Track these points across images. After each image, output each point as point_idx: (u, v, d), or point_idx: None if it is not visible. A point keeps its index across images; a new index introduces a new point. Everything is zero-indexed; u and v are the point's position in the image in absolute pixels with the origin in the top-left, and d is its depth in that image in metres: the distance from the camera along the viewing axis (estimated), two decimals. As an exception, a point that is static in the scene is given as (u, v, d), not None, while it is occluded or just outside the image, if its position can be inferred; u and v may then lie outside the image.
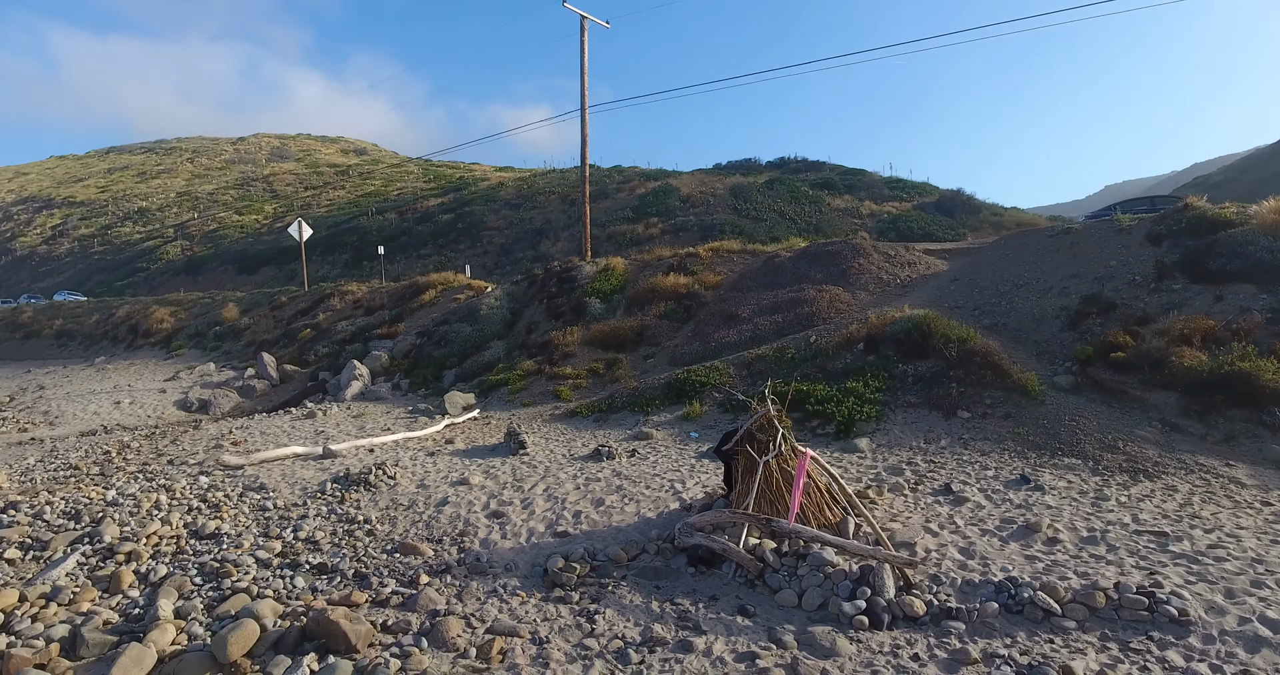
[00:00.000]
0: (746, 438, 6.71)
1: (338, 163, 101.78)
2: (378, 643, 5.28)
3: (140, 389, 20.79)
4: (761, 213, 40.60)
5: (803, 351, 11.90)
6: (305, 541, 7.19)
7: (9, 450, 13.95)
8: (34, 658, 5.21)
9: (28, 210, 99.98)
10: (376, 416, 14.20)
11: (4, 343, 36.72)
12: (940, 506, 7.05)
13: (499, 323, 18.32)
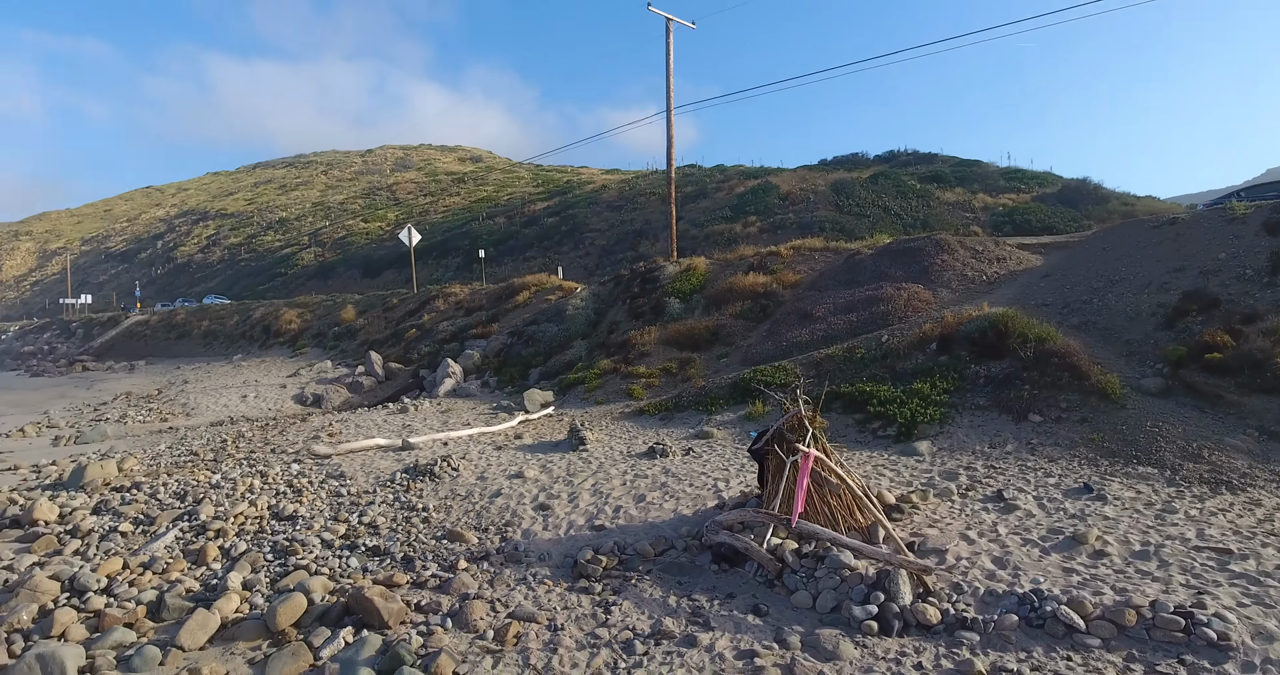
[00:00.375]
0: (777, 437, 6.68)
1: (455, 170, 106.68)
2: (409, 621, 5.68)
3: (265, 384, 22.74)
4: (864, 209, 39.42)
5: (873, 351, 11.58)
6: (367, 525, 7.76)
7: (148, 437, 15.67)
8: (123, 618, 5.95)
9: (187, 222, 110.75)
10: (461, 412, 14.96)
11: (162, 342, 41.00)
12: (987, 514, 6.75)
13: (583, 323, 18.82)
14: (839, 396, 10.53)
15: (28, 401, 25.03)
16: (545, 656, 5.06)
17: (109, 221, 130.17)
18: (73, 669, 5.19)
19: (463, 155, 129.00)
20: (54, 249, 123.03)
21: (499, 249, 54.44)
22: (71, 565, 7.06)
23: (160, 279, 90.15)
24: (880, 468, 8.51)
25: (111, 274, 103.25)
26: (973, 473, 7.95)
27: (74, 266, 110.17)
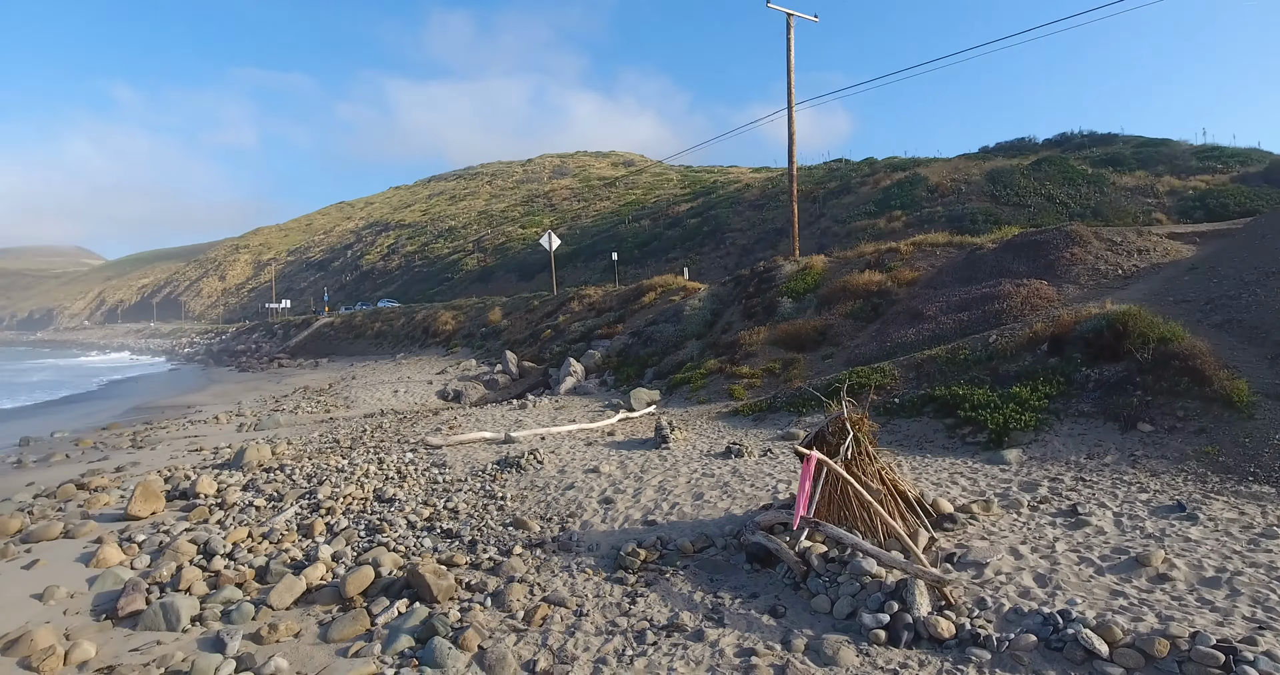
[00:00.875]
0: (818, 440, 6.59)
1: (607, 175, 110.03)
2: (456, 597, 6.23)
3: (415, 380, 24.88)
4: (1024, 198, 36.48)
5: (977, 352, 10.89)
6: (449, 510, 8.48)
7: (311, 426, 17.68)
8: (235, 578, 6.97)
9: (371, 233, 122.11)
10: (573, 409, 15.67)
11: (342, 341, 45.71)
12: (1051, 529, 6.27)
13: (699, 323, 19.02)
14: (931, 400, 10.04)
15: (229, 393, 28.94)
16: (563, 638, 5.39)
17: (309, 234, 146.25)
18: (186, 618, 6.18)
19: (615, 160, 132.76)
20: (266, 259, 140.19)
21: (642, 251, 55.70)
22: (209, 532, 8.32)
23: (349, 285, 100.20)
24: (956, 475, 8.08)
25: (310, 281, 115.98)
26: (1057, 484, 7.37)
27: (280, 275, 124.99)
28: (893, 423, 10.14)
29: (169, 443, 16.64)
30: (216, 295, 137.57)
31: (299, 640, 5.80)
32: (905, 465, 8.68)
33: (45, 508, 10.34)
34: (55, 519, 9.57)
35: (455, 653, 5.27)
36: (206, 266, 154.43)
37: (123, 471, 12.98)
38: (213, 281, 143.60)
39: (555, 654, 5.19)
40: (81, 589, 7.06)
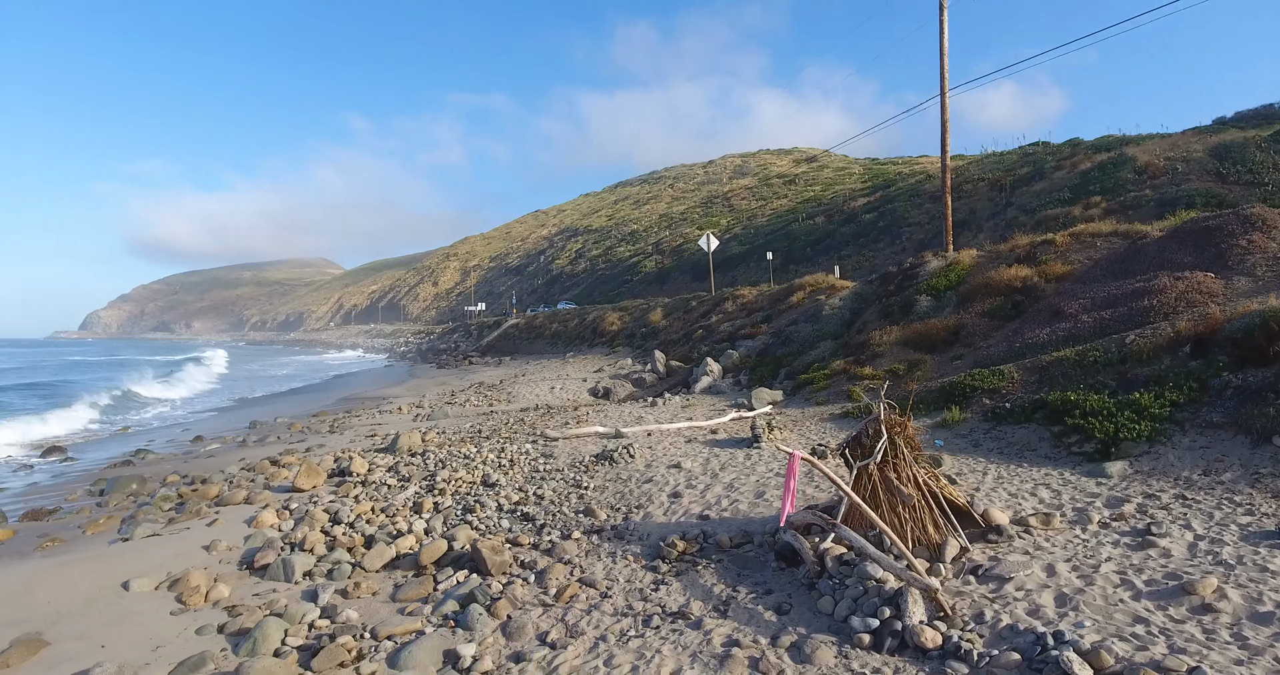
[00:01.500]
0: (855, 442, 6.49)
1: (787, 173, 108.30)
2: (509, 572, 6.89)
3: (572, 378, 26.40)
4: (1260, 174, 31.25)
5: (1110, 354, 9.79)
6: (536, 496, 9.23)
7: (471, 417, 19.46)
8: (347, 543, 8.16)
9: (562, 238, 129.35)
10: (699, 407, 16.02)
11: (524, 341, 49.16)
12: (1110, 548, 5.71)
13: (837, 323, 18.52)
14: (1043, 405, 9.23)
15: (420, 387, 32.38)
16: (580, 615, 5.85)
17: (509, 241, 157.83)
18: (299, 572, 7.39)
19: (798, 157, 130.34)
20: (471, 266, 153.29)
21: (815, 249, 54.46)
22: (343, 504, 9.71)
23: (540, 288, 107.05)
24: (1042, 487, 7.47)
25: (508, 285, 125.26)
26: (1149, 502, 6.62)
27: (482, 280, 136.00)
28: (999, 429, 9.47)
29: (356, 429, 19.15)
30: (430, 299, 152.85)
31: (374, 598, 6.76)
32: (992, 473, 8.15)
33: (241, 479, 12.51)
34: (244, 488, 11.58)
35: (485, 618, 5.92)
36: (422, 273, 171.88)
37: (310, 452, 15.20)
38: (427, 287, 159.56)
39: (568, 628, 5.66)
40: (238, 544, 8.60)
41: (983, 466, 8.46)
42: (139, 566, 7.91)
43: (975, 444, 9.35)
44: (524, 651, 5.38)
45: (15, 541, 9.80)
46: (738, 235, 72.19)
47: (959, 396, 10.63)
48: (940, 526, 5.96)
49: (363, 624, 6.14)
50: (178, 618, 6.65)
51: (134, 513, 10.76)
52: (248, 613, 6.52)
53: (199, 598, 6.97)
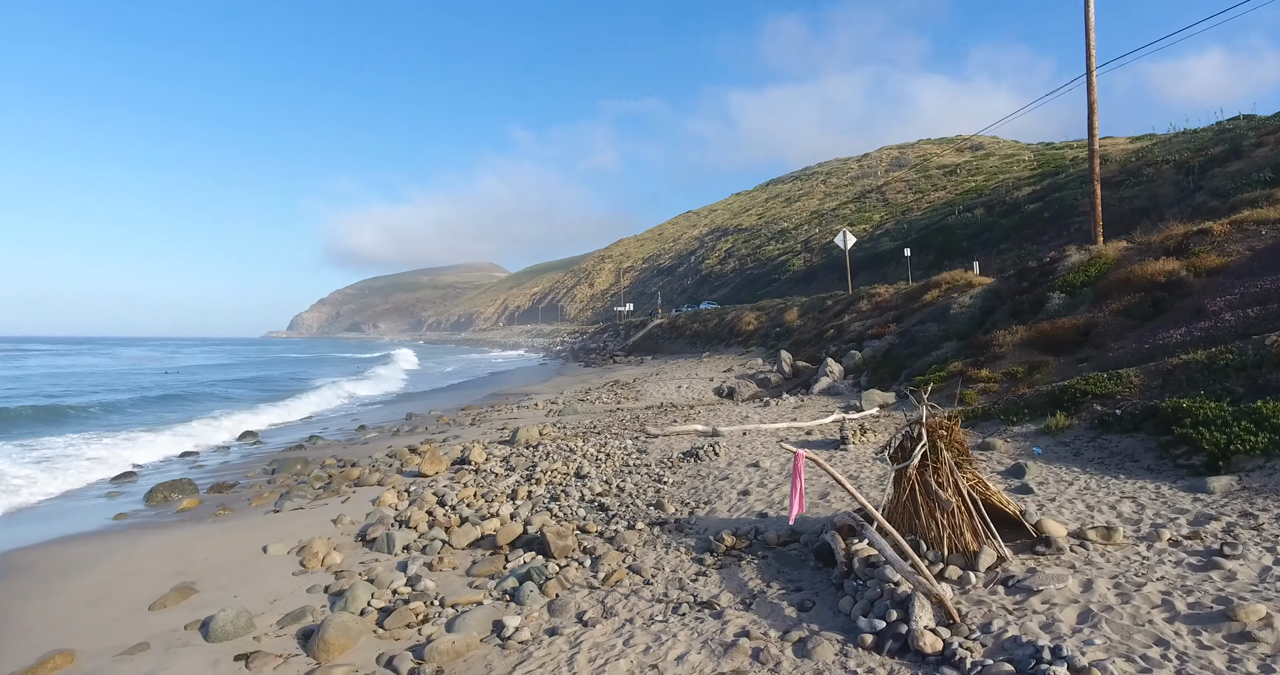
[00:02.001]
0: (901, 446, 6.41)
1: (948, 163, 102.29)
2: (570, 556, 7.45)
3: (700, 377, 26.77)
4: None
5: (1245, 357, 8.73)
6: (618, 488, 9.74)
7: (598, 414, 20.34)
8: (444, 522, 9.10)
9: (712, 238, 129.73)
10: (812, 408, 15.88)
11: (666, 341, 50.12)
12: (1169, 567, 5.30)
13: (965, 322, 17.53)
14: (1154, 413, 8.44)
15: (562, 384, 34.05)
16: (619, 598, 6.29)
17: (660, 242, 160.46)
18: (399, 546, 8.38)
19: (960, 145, 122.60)
20: (625, 267, 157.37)
21: (971, 243, 51.13)
22: (451, 489, 10.74)
23: (689, 288, 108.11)
24: (1127, 499, 6.93)
25: (659, 285, 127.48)
26: (1241, 522, 6.00)
27: (635, 281, 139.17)
28: (1104, 437, 8.79)
29: (492, 421, 20.67)
30: (586, 300, 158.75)
31: (454, 571, 7.56)
32: (1079, 484, 7.65)
33: (381, 464, 14.05)
34: (380, 472, 13.03)
35: (536, 595, 6.51)
36: (579, 275, 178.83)
37: (445, 441, 16.67)
38: (584, 288, 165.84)
39: (605, 609, 6.12)
40: (360, 519, 9.81)
41: (1073, 476, 7.95)
42: (279, 534, 9.27)
43: (1076, 453, 8.75)
44: (559, 627, 5.90)
45: (199, 509, 11.71)
46: (889, 231, 69.26)
47: (1068, 402, 9.92)
48: (979, 534, 5.80)
49: (436, 593, 6.93)
50: (297, 577, 7.80)
51: (290, 490, 12.47)
52: (349, 577, 7.54)
53: (316, 562, 8.11)
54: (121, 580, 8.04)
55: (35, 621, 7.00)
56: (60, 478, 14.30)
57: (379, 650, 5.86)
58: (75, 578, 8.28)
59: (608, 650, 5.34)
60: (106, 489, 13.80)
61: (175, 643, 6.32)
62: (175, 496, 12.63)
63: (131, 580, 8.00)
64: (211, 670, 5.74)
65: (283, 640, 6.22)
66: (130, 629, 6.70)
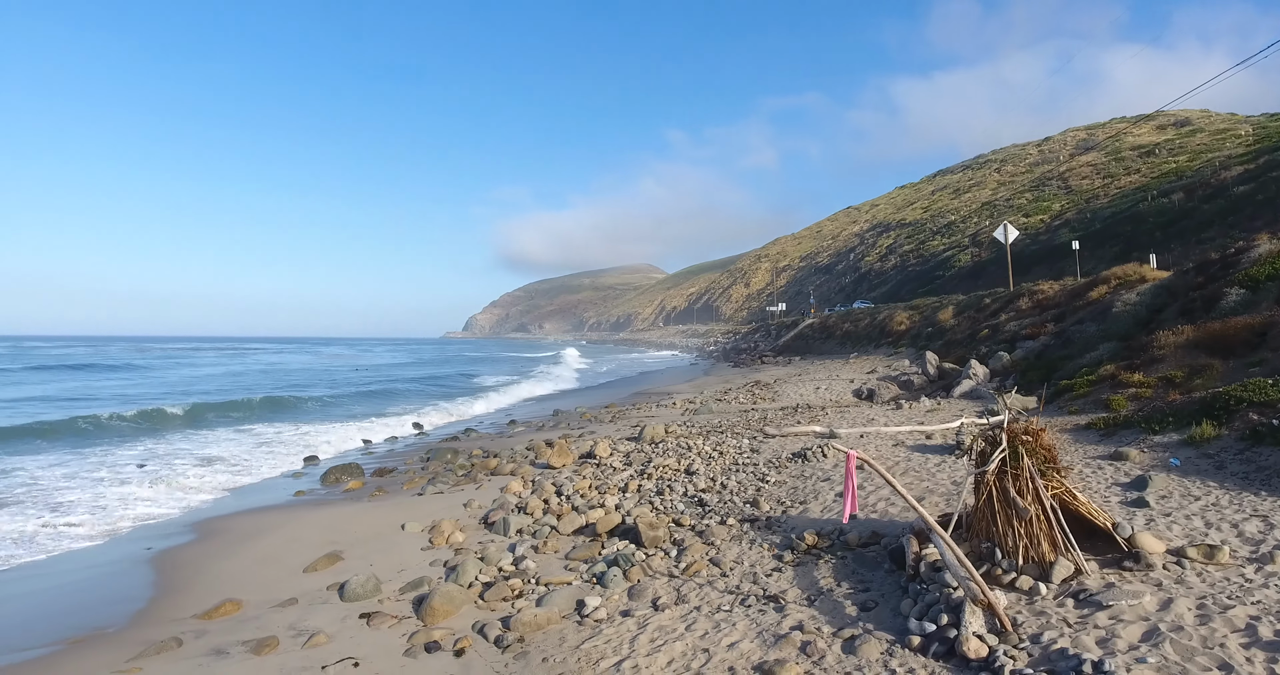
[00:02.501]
0: (980, 449, 6.23)
1: (1144, 143, 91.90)
2: (659, 546, 7.86)
3: (841, 379, 26.16)
4: None
5: None
6: (721, 485, 10.01)
7: (731, 414, 20.55)
8: (556, 510, 9.82)
9: (873, 234, 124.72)
10: (946, 411, 15.21)
11: (816, 341, 49.11)
12: (1271, 591, 4.83)
13: (1129, 321, 15.90)
14: None
15: (705, 384, 34.43)
16: (694, 587, 6.64)
17: (819, 240, 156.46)
18: (513, 530, 9.19)
19: (1162, 122, 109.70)
20: (781, 267, 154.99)
21: (1165, 233, 45.78)
22: (570, 480, 11.49)
23: (847, 286, 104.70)
24: (1256, 518, 6.25)
25: (817, 284, 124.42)
26: (1389, 546, 5.29)
27: (792, 279, 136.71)
28: (1254, 450, 7.88)
29: (629, 418, 21.49)
30: (741, 300, 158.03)
31: (555, 555, 8.22)
32: (1208, 499, 6.97)
33: (519, 456, 15.17)
34: (516, 463, 14.12)
35: (620, 580, 6.99)
36: (735, 275, 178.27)
37: (581, 437, 17.60)
38: (739, 288, 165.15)
39: (679, 596, 6.48)
40: (487, 504, 10.78)
41: (1205, 491, 7.24)
42: (416, 514, 10.42)
43: (1219, 465, 7.92)
44: (633, 609, 6.33)
45: (361, 490, 13.30)
46: (1069, 221, 63.48)
47: (1219, 410, 8.92)
48: (1057, 544, 5.55)
49: (535, 572, 7.60)
50: (424, 552, 8.78)
51: (436, 476, 13.83)
52: (466, 554, 8.41)
53: (442, 539, 9.08)
54: (288, 546, 9.44)
55: (218, 575, 8.46)
56: (269, 461, 16.76)
57: (475, 618, 6.58)
58: (254, 542, 9.82)
59: (669, 632, 5.70)
60: (296, 470, 15.96)
61: (318, 600, 7.42)
62: (345, 478, 14.39)
63: (295, 546, 9.38)
64: (340, 624, 6.72)
65: (400, 604, 7.13)
66: (287, 586, 7.93)
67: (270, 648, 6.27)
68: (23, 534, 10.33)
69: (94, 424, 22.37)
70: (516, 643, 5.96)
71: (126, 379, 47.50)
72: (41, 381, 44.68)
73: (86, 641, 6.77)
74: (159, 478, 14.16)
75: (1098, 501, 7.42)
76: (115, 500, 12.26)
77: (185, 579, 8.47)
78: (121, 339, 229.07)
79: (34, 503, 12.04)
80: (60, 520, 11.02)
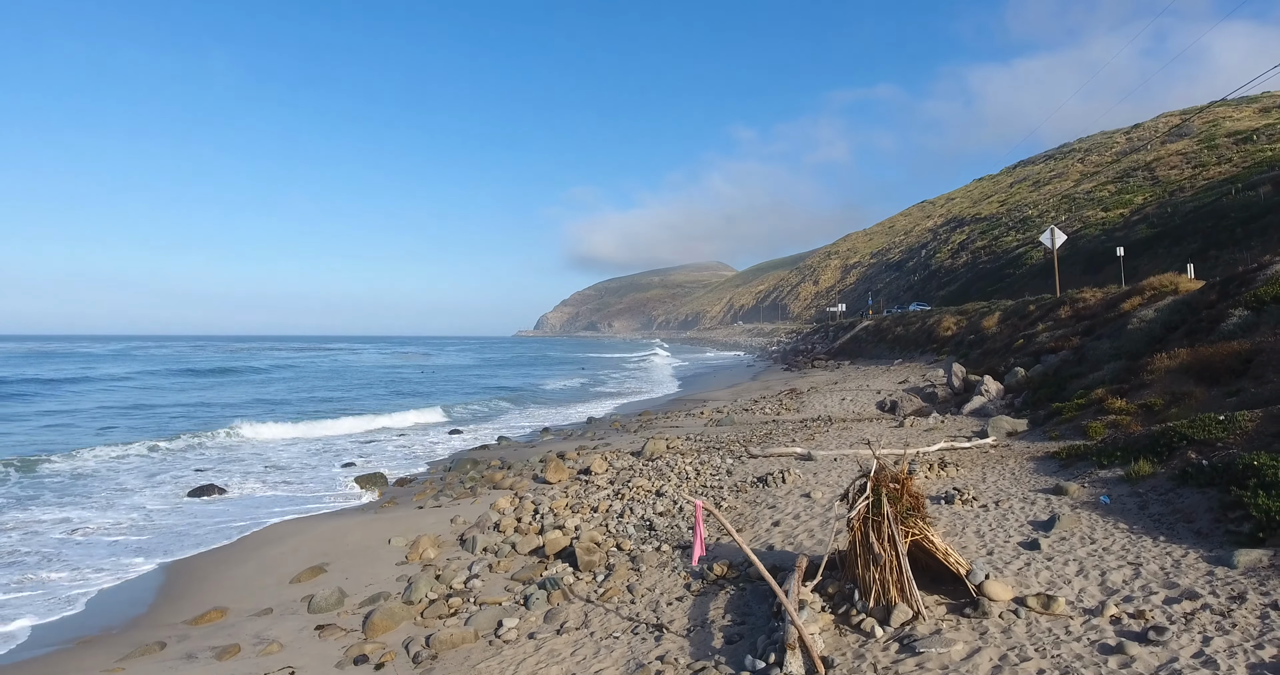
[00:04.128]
0: (853, 496, 6.63)
1: (1243, 129, 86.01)
2: (594, 569, 8.50)
3: (870, 389, 26.08)
4: None
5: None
6: (678, 508, 10.57)
7: (753, 426, 20.87)
8: (524, 529, 10.59)
9: (946, 230, 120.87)
10: (940, 432, 15.23)
11: (868, 344, 48.48)
12: (1077, 646, 5.10)
13: (1140, 339, 15.46)
14: (1228, 468, 7.44)
15: (744, 391, 34.61)
16: (601, 613, 7.29)
17: (890, 236, 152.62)
18: (479, 548, 10.01)
19: (1267, 104, 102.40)
20: (851, 263, 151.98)
21: (1247, 229, 43.02)
22: (549, 498, 12.26)
23: (916, 284, 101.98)
24: (1130, 565, 6.42)
25: (885, 282, 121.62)
26: (1226, 605, 5.45)
27: (862, 276, 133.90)
28: (1178, 491, 7.90)
29: (654, 428, 22.14)
30: (810, 298, 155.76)
31: (504, 574, 9.00)
32: (1103, 543, 7.13)
33: (524, 468, 16.08)
34: (517, 476, 15.01)
35: (542, 603, 7.76)
36: (804, 272, 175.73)
37: (596, 449, 18.32)
38: (808, 286, 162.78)
39: (584, 620, 7.15)
40: (472, 520, 11.67)
41: (1107, 535, 7.38)
42: (405, 528, 11.40)
43: (1142, 506, 7.99)
44: (538, 632, 7.05)
45: (376, 500, 14.46)
46: (1148, 216, 60.32)
47: (1162, 446, 8.90)
48: (903, 590, 5.94)
49: (478, 592, 8.40)
50: (398, 567, 9.72)
51: (445, 488, 14.87)
52: (430, 570, 9.28)
53: (416, 555, 10.01)
54: (287, 557, 10.57)
55: (219, 583, 9.62)
56: (313, 467, 18.27)
57: (409, 634, 7.43)
58: (263, 550, 11.01)
59: (554, 656, 6.40)
60: (337, 473, 17.35)
61: (289, 610, 8.44)
62: (368, 487, 15.63)
63: (293, 557, 10.49)
64: (296, 634, 7.69)
65: (354, 617, 8.06)
66: (270, 596, 9.00)
67: (231, 654, 7.28)
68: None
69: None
70: (430, 659, 6.77)
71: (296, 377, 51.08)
72: (266, 382, 48.81)
73: (92, 641, 7.97)
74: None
75: (1005, 540, 7.67)
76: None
77: (194, 583, 9.68)
78: (220, 338, 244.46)
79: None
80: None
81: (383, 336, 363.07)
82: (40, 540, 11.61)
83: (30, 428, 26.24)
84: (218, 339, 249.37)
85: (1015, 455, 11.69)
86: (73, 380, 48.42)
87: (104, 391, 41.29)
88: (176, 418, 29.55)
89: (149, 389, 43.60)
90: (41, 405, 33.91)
